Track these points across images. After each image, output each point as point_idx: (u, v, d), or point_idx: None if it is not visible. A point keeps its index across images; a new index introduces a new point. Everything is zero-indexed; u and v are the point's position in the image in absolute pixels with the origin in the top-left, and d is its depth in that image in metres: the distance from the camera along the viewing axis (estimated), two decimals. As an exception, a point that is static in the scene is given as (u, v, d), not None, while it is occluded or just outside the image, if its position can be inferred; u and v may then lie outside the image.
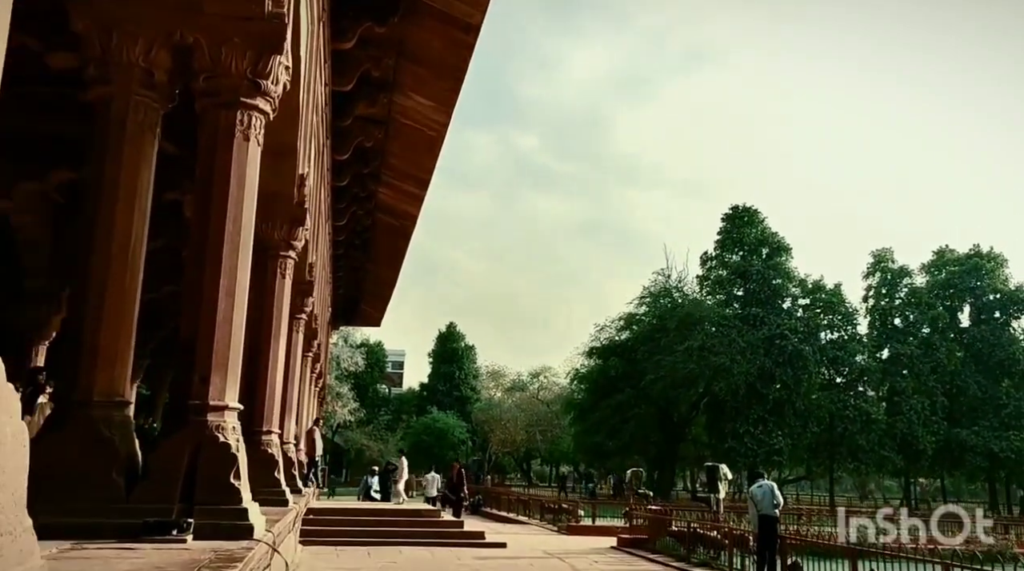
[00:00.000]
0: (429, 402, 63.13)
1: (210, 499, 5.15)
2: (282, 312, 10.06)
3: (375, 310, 36.27)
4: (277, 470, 9.50)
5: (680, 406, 42.61)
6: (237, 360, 5.78)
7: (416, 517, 15.46)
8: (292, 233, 10.03)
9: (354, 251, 25.72)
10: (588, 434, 45.13)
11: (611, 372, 43.20)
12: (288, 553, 9.98)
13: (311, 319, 17.96)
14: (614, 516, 20.84)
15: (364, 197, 20.52)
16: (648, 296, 45.23)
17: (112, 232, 5.49)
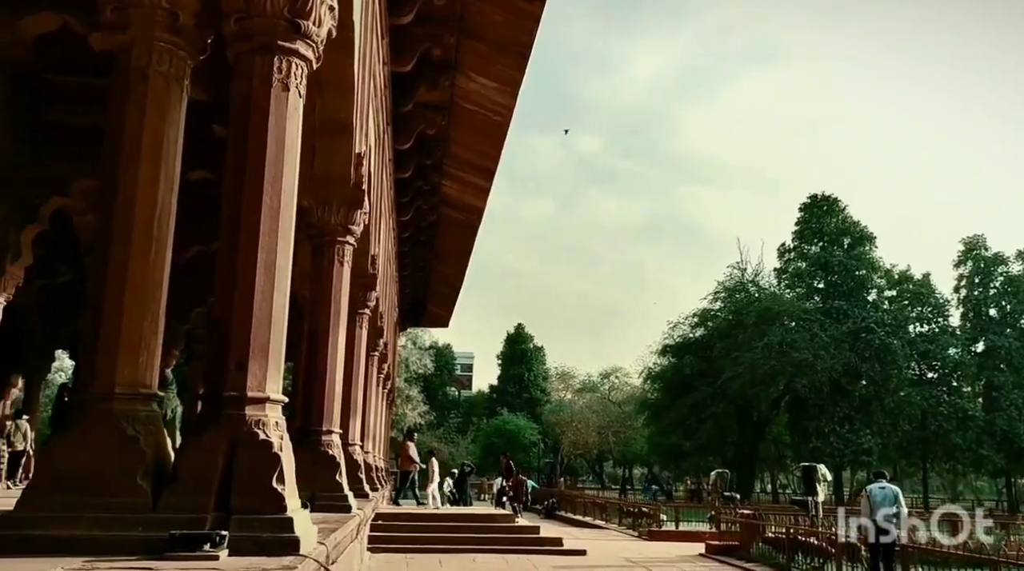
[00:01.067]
0: (499, 404, 62.47)
1: (249, 507, 4.30)
2: (340, 302, 9.31)
3: (442, 311, 35.72)
4: (339, 473, 8.75)
5: (760, 404, 40.86)
6: (280, 345, 4.97)
7: (490, 522, 14.63)
8: (349, 217, 9.26)
9: (419, 248, 25.11)
10: (663, 435, 43.76)
11: (686, 370, 41.74)
12: (354, 562, 9.24)
13: (376, 316, 17.33)
14: (698, 520, 19.63)
15: (428, 190, 19.84)
16: (723, 291, 43.59)
17: (133, 201, 4.77)
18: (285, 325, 5.10)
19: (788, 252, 43.05)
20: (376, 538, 13.65)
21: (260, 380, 4.75)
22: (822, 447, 36.39)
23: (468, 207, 21.48)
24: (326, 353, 9.12)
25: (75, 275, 14.24)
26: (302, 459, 8.39)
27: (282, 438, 4.72)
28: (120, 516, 4.25)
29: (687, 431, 40.80)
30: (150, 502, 4.36)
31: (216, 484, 4.45)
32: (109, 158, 4.89)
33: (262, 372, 4.77)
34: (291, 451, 4.84)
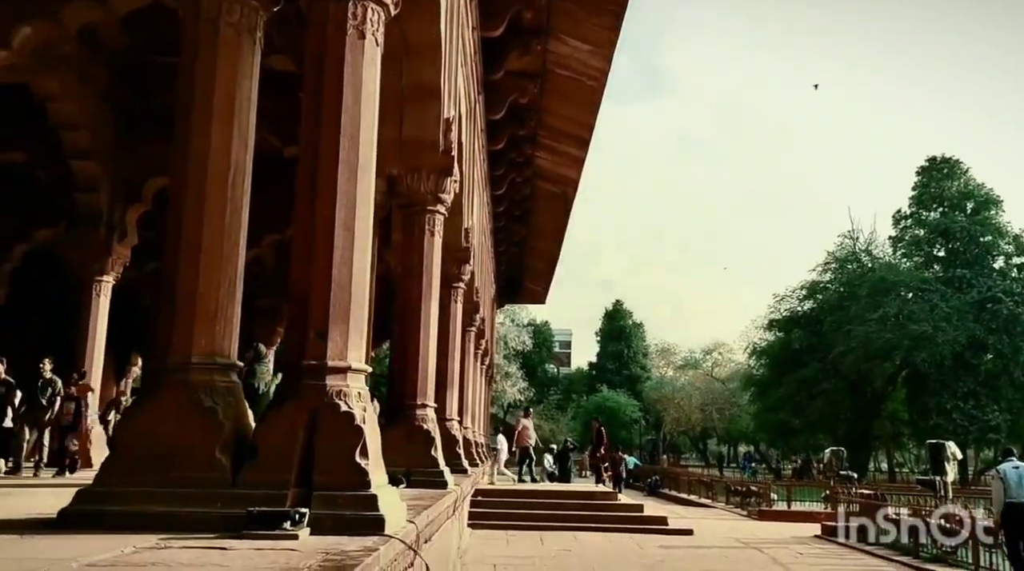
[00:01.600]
0: (598, 381, 61.87)
1: (330, 483, 4.06)
2: (432, 273, 9.02)
3: (539, 287, 35.44)
4: (434, 448, 8.52)
5: (874, 380, 38.79)
6: (362, 311, 4.67)
7: (591, 499, 14.22)
8: (439, 185, 8.95)
9: (514, 223, 24.78)
10: (770, 412, 42.19)
11: (794, 345, 39.98)
12: (452, 541, 9.01)
13: (471, 290, 17.08)
14: (811, 500, 18.66)
15: (521, 163, 19.45)
16: (833, 262, 41.46)
17: (206, 159, 4.53)
18: (368, 290, 4.81)
19: (904, 219, 40.48)
20: (476, 514, 13.47)
21: (341, 348, 4.46)
22: (944, 424, 34.20)
23: (562, 179, 20.98)
24: (418, 325, 8.86)
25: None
26: (395, 434, 8.20)
27: (365, 409, 4.40)
28: (197, 491, 4.06)
29: (796, 408, 39.16)
30: (229, 477, 4.17)
31: (297, 459, 4.15)
32: (181, 117, 4.66)
33: (343, 340, 4.47)
34: (376, 423, 4.58)
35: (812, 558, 11.30)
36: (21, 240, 16.18)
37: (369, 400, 4.65)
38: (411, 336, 8.79)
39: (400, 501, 4.75)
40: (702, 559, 10.67)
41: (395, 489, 4.76)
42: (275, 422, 4.28)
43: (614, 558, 10.61)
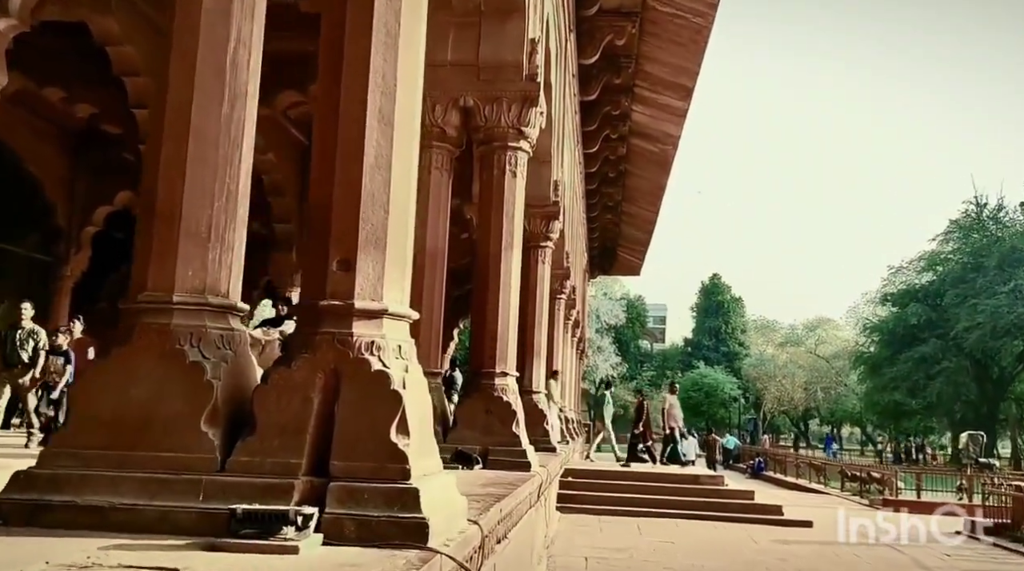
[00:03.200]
0: (694, 358, 59.69)
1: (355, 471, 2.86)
2: (514, 221, 7.73)
3: (634, 258, 33.74)
4: (516, 422, 7.30)
5: (1002, 359, 35.53)
6: (405, 233, 3.44)
7: (694, 484, 12.78)
8: (523, 117, 7.62)
9: (607, 186, 23.21)
10: (882, 391, 39.35)
11: (911, 320, 36.99)
12: (536, 532, 7.81)
13: (561, 253, 15.80)
14: (943, 489, 16.59)
15: (616, 117, 17.87)
16: (956, 230, 38.11)
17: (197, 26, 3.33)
18: (412, 205, 3.56)
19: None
20: (565, 497, 12.25)
21: (374, 283, 3.17)
22: (1085, 408, 31.00)
23: (661, 136, 19.28)
24: (498, 280, 7.61)
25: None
26: (471, 407, 6.94)
27: (407, 369, 3.18)
28: (173, 478, 2.91)
29: (912, 388, 36.30)
30: (217, 458, 2.98)
31: (309, 436, 2.95)
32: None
33: (376, 272, 3.16)
34: (424, 388, 3.35)
35: (964, 562, 9.58)
36: (103, 202, 16.02)
37: (414, 358, 3.35)
38: (488, 293, 7.58)
39: (457, 495, 3.45)
40: (831, 559, 9.12)
41: (450, 478, 3.51)
42: (282, 384, 3.04)
43: (725, 554, 9.19)
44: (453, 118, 7.64)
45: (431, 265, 7.56)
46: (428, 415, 3.37)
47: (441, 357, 7.83)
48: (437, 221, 7.65)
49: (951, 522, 12.98)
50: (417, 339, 7.32)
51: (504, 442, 7.18)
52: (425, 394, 3.37)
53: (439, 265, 7.65)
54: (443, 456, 5.11)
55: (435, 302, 7.60)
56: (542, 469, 7.50)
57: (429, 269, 7.57)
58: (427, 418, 3.35)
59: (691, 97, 16.80)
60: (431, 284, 7.55)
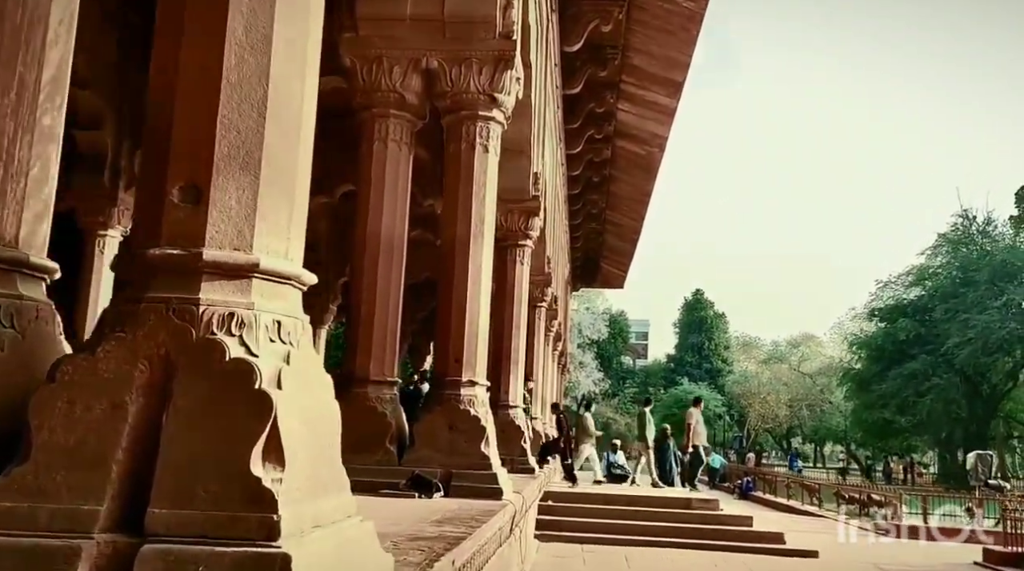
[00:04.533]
0: (677, 374, 58.69)
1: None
2: (485, 204, 6.56)
3: (617, 270, 32.78)
4: (485, 441, 6.12)
5: (993, 375, 34.69)
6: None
7: (686, 508, 11.61)
8: (496, 81, 6.48)
9: (591, 192, 22.14)
10: (870, 409, 38.35)
11: (900, 336, 36.05)
12: (512, 563, 6.63)
13: (542, 256, 14.69)
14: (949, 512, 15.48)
15: (601, 115, 16.83)
16: (945, 244, 37.34)
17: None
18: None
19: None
20: (546, 523, 11.05)
21: (239, 224, 2.10)
22: (1078, 427, 30.14)
23: (648, 137, 18.28)
24: (466, 272, 6.43)
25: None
26: (433, 422, 5.85)
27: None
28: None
29: (902, 405, 35.32)
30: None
31: (116, 467, 1.93)
32: None
33: (243, 206, 2.11)
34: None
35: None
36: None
37: (306, 342, 2.33)
38: (454, 287, 6.41)
39: (373, 554, 2.35)
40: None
41: (364, 528, 2.36)
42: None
43: (726, 592, 8.02)
44: (414, 82, 6.50)
45: (386, 253, 6.40)
46: (328, 431, 2.20)
47: (398, 364, 6.63)
48: (395, 202, 6.49)
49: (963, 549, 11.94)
50: (369, 340, 6.07)
51: (471, 464, 6.01)
52: (323, 398, 2.20)
53: (396, 254, 6.48)
54: (396, 482, 5.65)
55: (391, 296, 6.43)
56: (516, 496, 6.32)
57: (384, 258, 6.40)
58: (327, 436, 2.19)
59: (680, 94, 15.80)
60: (386, 274, 6.38)
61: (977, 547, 12.39)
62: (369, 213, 6.49)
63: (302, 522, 1.86)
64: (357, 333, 6.41)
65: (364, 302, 6.42)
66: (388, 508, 5.10)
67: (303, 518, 1.88)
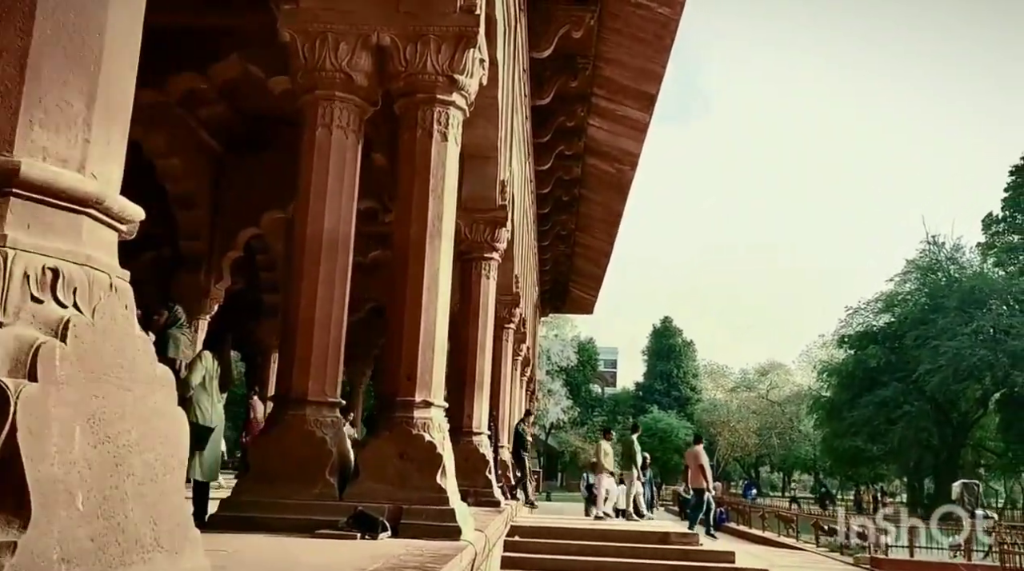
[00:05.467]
0: (645, 402, 58.07)
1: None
2: (443, 202, 5.74)
3: (587, 294, 32.11)
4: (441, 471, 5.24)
5: (961, 403, 34.48)
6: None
7: (663, 543, 10.77)
8: (456, 61, 5.70)
9: (560, 212, 21.46)
10: (841, 437, 37.95)
11: (871, 363, 35.77)
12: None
13: (510, 273, 13.89)
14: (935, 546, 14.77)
15: (571, 130, 16.17)
16: (914, 270, 37.28)
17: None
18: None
19: (996, 223, 36.15)
20: (511, 560, 10.15)
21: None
22: (1050, 454, 29.92)
23: (619, 154, 17.65)
24: (421, 276, 5.61)
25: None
26: (381, 449, 5.05)
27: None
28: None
29: (873, 433, 34.95)
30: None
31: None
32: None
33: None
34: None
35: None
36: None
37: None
38: (407, 292, 5.56)
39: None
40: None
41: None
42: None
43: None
44: (363, 61, 5.69)
45: (329, 255, 5.55)
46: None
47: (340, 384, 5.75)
48: (339, 197, 5.66)
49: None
50: (308, 354, 5.16)
51: (425, 498, 5.14)
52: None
53: (341, 256, 5.64)
54: (336, 519, 4.83)
55: (334, 303, 5.57)
56: (478, 535, 5.46)
57: (327, 260, 5.56)
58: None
59: (652, 108, 15.19)
60: (328, 279, 5.53)
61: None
62: (310, 209, 5.66)
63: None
64: (294, 346, 5.54)
65: (302, 310, 5.56)
66: (321, 553, 4.23)
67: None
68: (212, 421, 5.27)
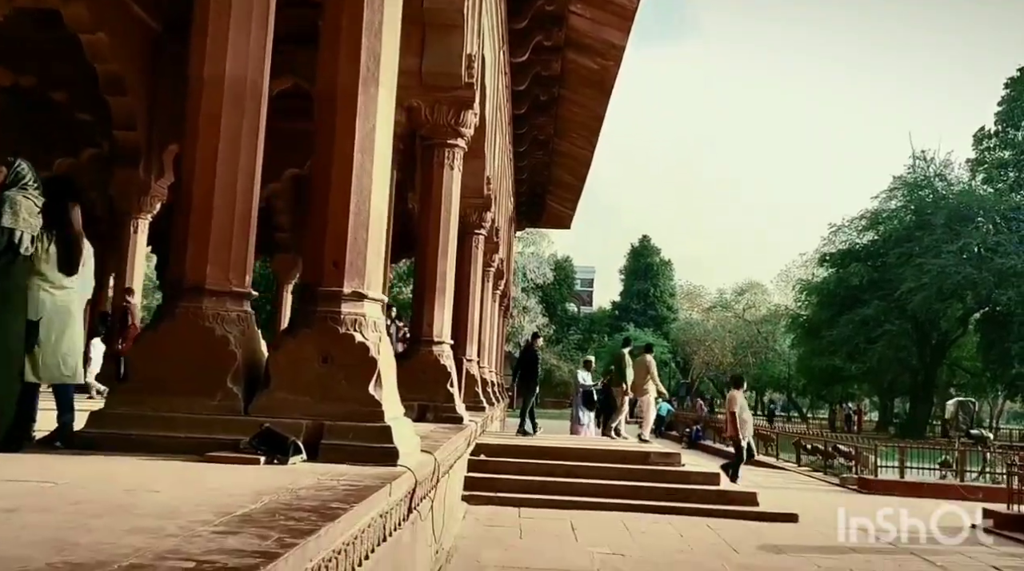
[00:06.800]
0: (622, 321, 57.62)
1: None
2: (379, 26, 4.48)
3: (564, 207, 30.87)
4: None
5: (945, 321, 33.97)
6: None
7: (643, 464, 9.90)
8: None
9: (538, 115, 19.95)
10: (819, 356, 37.58)
11: (853, 281, 35.02)
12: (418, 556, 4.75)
13: (482, 179, 12.67)
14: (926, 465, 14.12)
15: (550, 15, 14.68)
16: (901, 187, 36.25)
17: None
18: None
19: (988, 138, 35.02)
20: (477, 482, 9.24)
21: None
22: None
23: (602, 47, 16.11)
24: (350, 133, 4.36)
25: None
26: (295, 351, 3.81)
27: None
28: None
29: (852, 352, 34.53)
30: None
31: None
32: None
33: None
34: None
35: None
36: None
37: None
38: (333, 157, 4.32)
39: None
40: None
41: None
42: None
43: None
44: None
45: (233, 105, 4.30)
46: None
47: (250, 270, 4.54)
48: (246, 32, 4.37)
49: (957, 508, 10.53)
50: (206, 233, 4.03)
51: (353, 413, 4.03)
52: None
53: (249, 107, 4.38)
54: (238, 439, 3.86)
55: (240, 166, 4.35)
56: (424, 459, 4.39)
57: (231, 111, 4.31)
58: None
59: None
60: (232, 136, 4.28)
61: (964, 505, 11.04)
62: (207, 47, 4.37)
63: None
64: (188, 223, 4.32)
65: (198, 176, 4.33)
66: (193, 484, 3.12)
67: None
68: (42, 312, 4.06)
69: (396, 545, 3.70)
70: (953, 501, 10.97)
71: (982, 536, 8.87)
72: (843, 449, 15.16)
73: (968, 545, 8.25)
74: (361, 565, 2.85)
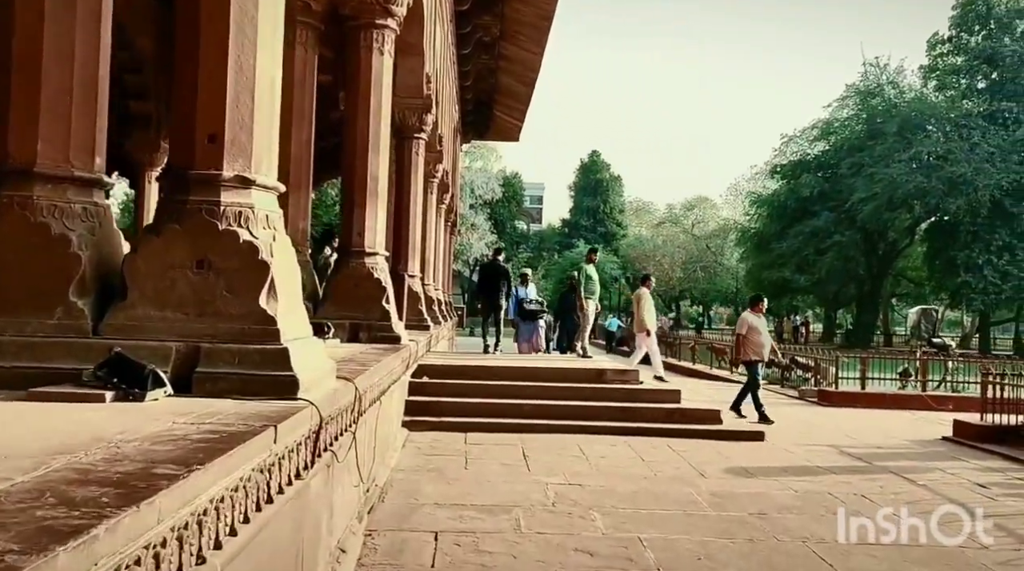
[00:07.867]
0: (572, 238, 57.06)
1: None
2: None
3: (512, 119, 29.51)
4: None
5: (890, 232, 34.00)
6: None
7: (598, 382, 9.20)
8: None
9: (483, 12, 18.55)
10: (768, 268, 37.48)
11: (803, 192, 34.69)
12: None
13: (420, 76, 11.50)
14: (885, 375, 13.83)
15: None
16: (853, 95, 35.62)
17: None
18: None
19: (941, 43, 34.40)
20: (419, 407, 8.44)
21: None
22: (972, 282, 29.79)
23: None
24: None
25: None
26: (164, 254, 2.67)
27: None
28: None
29: (801, 264, 34.44)
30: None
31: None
32: None
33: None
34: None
35: (1006, 491, 6.42)
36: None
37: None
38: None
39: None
40: (818, 503, 5.67)
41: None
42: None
43: (663, 501, 5.60)
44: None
45: None
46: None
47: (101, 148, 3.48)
48: None
49: (922, 420, 10.14)
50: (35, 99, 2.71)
51: (241, 334, 3.09)
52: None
53: None
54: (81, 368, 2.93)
55: (78, 16, 3.25)
56: (340, 387, 3.50)
57: None
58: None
59: None
60: None
61: (930, 415, 10.69)
62: None
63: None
64: (8, 86, 3.25)
65: (21, 29, 3.24)
66: None
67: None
68: None
69: (298, 498, 2.83)
70: (919, 412, 10.61)
71: (953, 447, 8.44)
72: (801, 361, 14.78)
73: (949, 460, 7.78)
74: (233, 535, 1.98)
